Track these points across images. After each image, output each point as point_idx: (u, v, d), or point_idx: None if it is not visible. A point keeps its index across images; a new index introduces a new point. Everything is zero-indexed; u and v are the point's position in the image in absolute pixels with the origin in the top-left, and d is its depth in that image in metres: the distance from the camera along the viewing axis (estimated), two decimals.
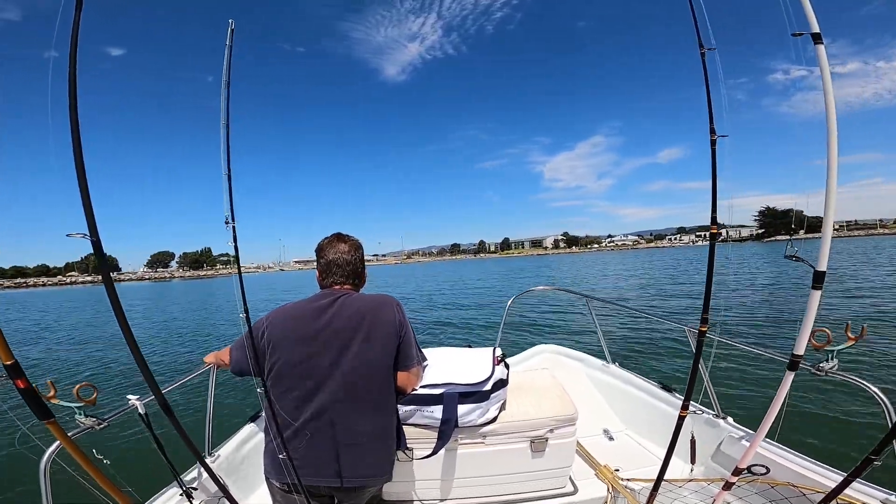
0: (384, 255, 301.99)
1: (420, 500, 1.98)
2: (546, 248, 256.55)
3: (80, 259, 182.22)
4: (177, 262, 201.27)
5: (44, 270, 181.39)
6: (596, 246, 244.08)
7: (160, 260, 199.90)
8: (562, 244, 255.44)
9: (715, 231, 1.53)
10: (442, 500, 1.97)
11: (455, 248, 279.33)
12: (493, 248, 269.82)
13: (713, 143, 1.44)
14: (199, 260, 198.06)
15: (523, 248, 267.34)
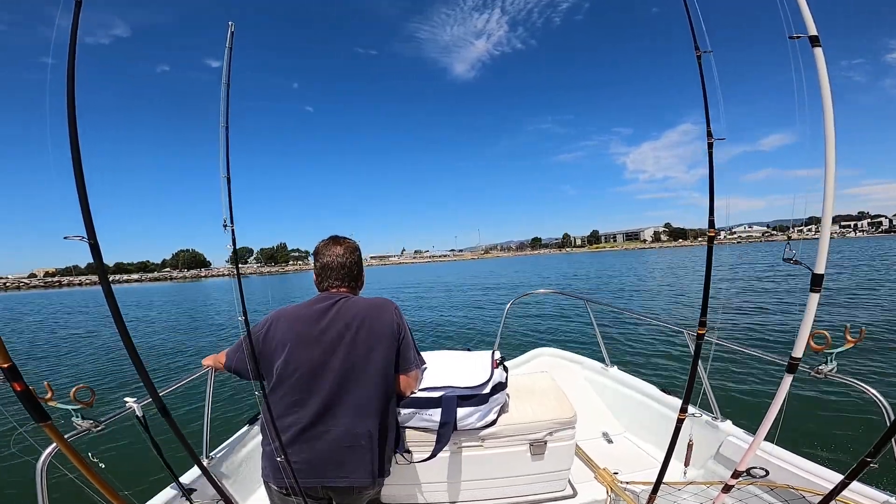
0: (461, 251, 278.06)
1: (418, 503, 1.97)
2: (644, 241, 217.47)
3: (171, 256, 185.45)
4: (254, 259, 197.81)
5: (142, 267, 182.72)
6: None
7: (240, 256, 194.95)
8: (663, 237, 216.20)
9: (713, 234, 1.53)
10: None
11: (536, 242, 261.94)
12: (579, 242, 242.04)
13: (710, 146, 1.45)
14: (275, 256, 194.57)
15: (615, 241, 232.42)
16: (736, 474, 1.52)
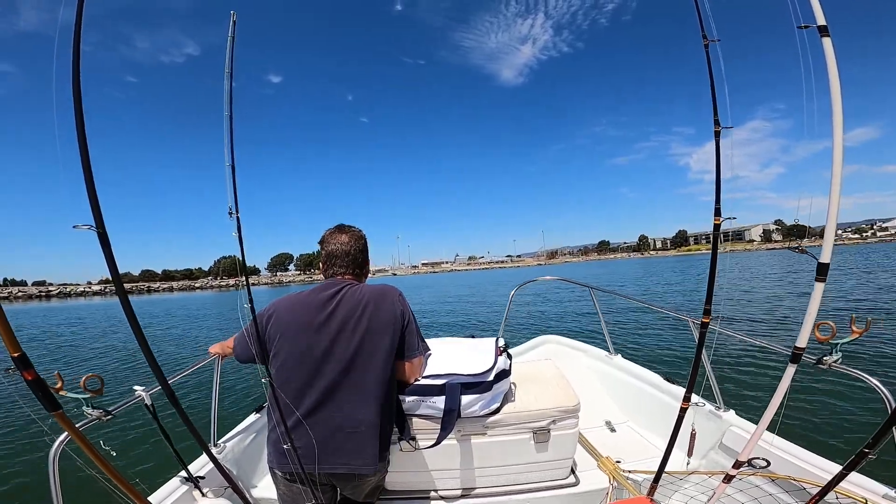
0: (519, 256, 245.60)
1: (422, 491, 2.00)
2: (751, 241, 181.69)
3: (212, 264, 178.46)
4: (294, 265, 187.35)
5: (187, 274, 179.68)
6: (850, 236, 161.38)
7: (280, 262, 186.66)
8: (775, 235, 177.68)
9: (718, 223, 1.52)
10: (444, 491, 1.99)
11: (604, 246, 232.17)
12: (659, 245, 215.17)
13: (717, 134, 1.43)
14: (313, 262, 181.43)
15: (710, 242, 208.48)
16: (737, 464, 1.53)
